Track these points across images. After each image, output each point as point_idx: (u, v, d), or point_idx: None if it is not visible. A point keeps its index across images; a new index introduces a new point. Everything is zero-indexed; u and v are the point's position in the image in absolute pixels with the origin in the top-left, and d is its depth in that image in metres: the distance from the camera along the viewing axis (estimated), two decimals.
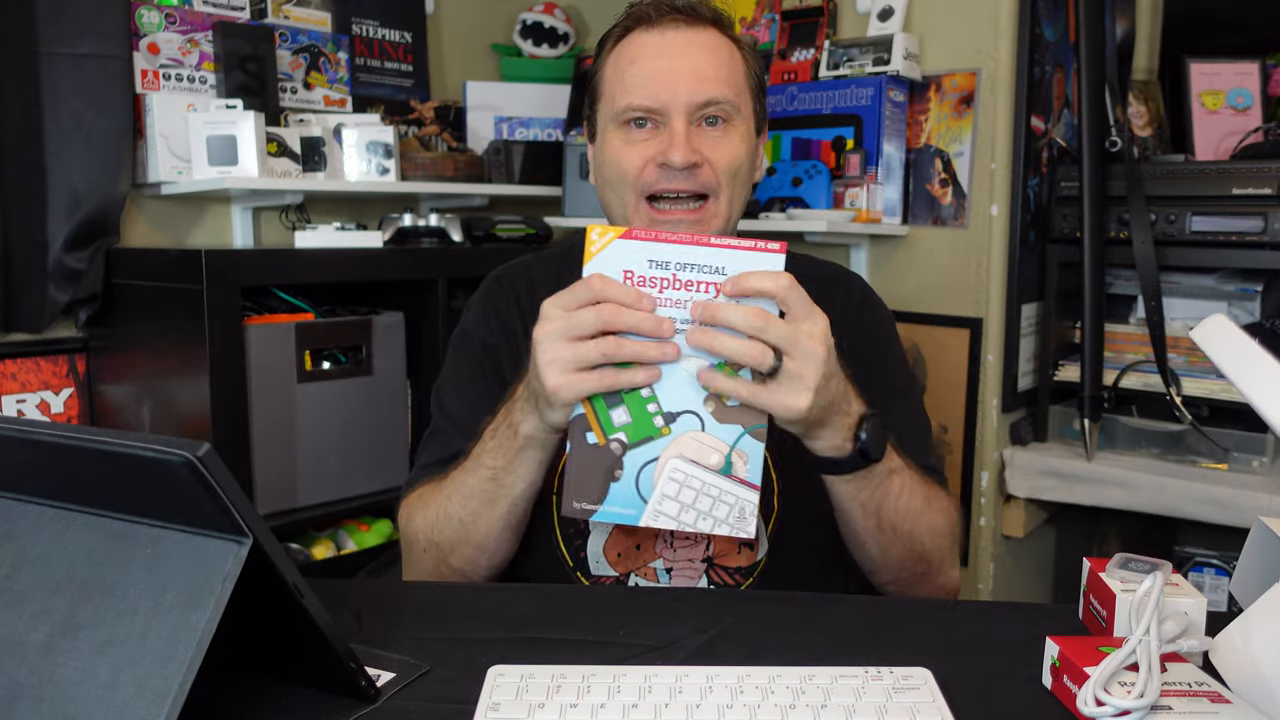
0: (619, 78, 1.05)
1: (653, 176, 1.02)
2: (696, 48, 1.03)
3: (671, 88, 1.01)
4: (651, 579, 1.04)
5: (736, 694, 0.66)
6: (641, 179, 1.03)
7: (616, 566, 1.03)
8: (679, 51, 1.03)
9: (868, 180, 1.95)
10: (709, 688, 0.67)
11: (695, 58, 1.02)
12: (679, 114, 1.01)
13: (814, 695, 0.66)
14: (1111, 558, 0.80)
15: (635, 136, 1.03)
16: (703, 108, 1.02)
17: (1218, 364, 0.69)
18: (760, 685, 0.67)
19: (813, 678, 0.68)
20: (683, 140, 1.00)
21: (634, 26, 1.05)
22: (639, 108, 1.02)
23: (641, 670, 0.69)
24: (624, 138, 1.04)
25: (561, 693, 0.66)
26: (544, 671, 0.68)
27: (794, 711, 0.64)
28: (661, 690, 0.66)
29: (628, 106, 1.03)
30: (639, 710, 0.64)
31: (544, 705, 0.65)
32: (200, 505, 0.56)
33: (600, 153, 1.09)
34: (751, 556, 1.04)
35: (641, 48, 1.04)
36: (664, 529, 1.02)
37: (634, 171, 1.03)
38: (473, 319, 1.13)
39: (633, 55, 1.04)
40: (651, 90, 1.02)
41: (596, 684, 0.67)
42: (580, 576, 1.03)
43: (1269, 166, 1.68)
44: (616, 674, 0.68)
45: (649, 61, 1.03)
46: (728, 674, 0.68)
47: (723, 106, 1.03)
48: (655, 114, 1.02)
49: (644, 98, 1.02)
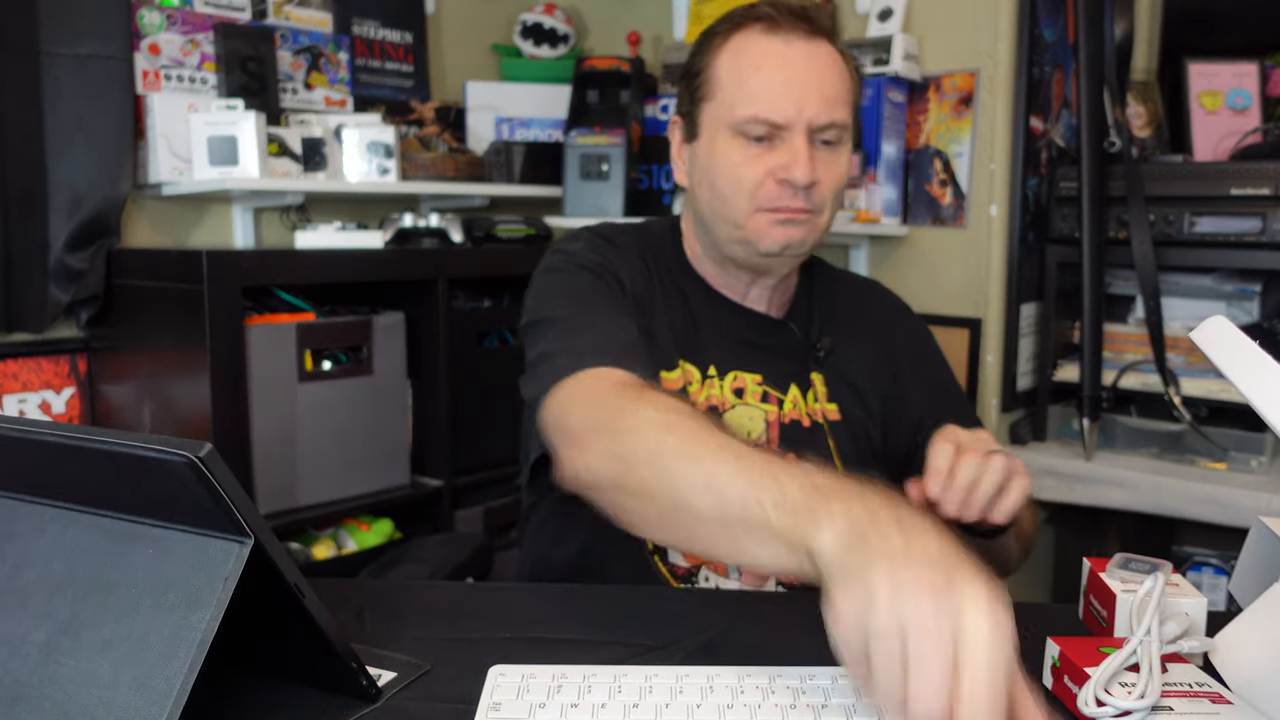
0: (739, 82, 1.02)
1: (773, 193, 1.01)
2: (821, 65, 1.02)
3: (798, 104, 1.00)
4: (722, 574, 1.03)
5: (737, 694, 0.66)
6: (760, 193, 1.02)
7: (689, 558, 1.03)
8: (805, 66, 1.01)
9: (867, 180, 1.95)
10: (709, 688, 0.67)
11: (821, 76, 1.02)
12: (801, 131, 1.00)
13: (814, 695, 0.66)
14: (1111, 558, 0.80)
15: (754, 149, 1.02)
16: (823, 130, 1.01)
17: (1217, 365, 0.69)
18: (761, 685, 0.67)
19: (813, 677, 0.68)
20: (805, 159, 1.00)
21: (752, 25, 1.03)
22: (764, 120, 1.00)
23: (642, 670, 0.69)
24: (742, 149, 1.02)
25: (562, 692, 0.66)
26: (545, 671, 0.69)
27: (794, 711, 0.64)
28: (662, 690, 0.66)
29: (752, 118, 1.01)
30: (640, 710, 0.64)
31: (545, 705, 0.65)
32: (202, 505, 0.56)
33: (709, 158, 1.06)
34: None
35: (766, 55, 1.02)
36: None
37: (752, 185, 1.02)
38: (584, 249, 1.06)
39: (757, 62, 1.02)
40: (779, 105, 1.00)
41: (597, 684, 0.67)
42: (657, 560, 1.03)
43: (1268, 167, 1.68)
44: (617, 674, 0.68)
45: (775, 72, 1.01)
46: (728, 674, 0.68)
47: (839, 130, 1.03)
48: (777, 128, 1.01)
49: (770, 111, 1.00)
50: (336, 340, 1.79)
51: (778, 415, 1.08)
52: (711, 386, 1.07)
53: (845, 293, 1.20)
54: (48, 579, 0.61)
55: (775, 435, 1.07)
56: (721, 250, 1.09)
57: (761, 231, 1.03)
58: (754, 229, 1.03)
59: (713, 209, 1.06)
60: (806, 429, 1.08)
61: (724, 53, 1.04)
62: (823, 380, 1.11)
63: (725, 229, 1.06)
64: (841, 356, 1.13)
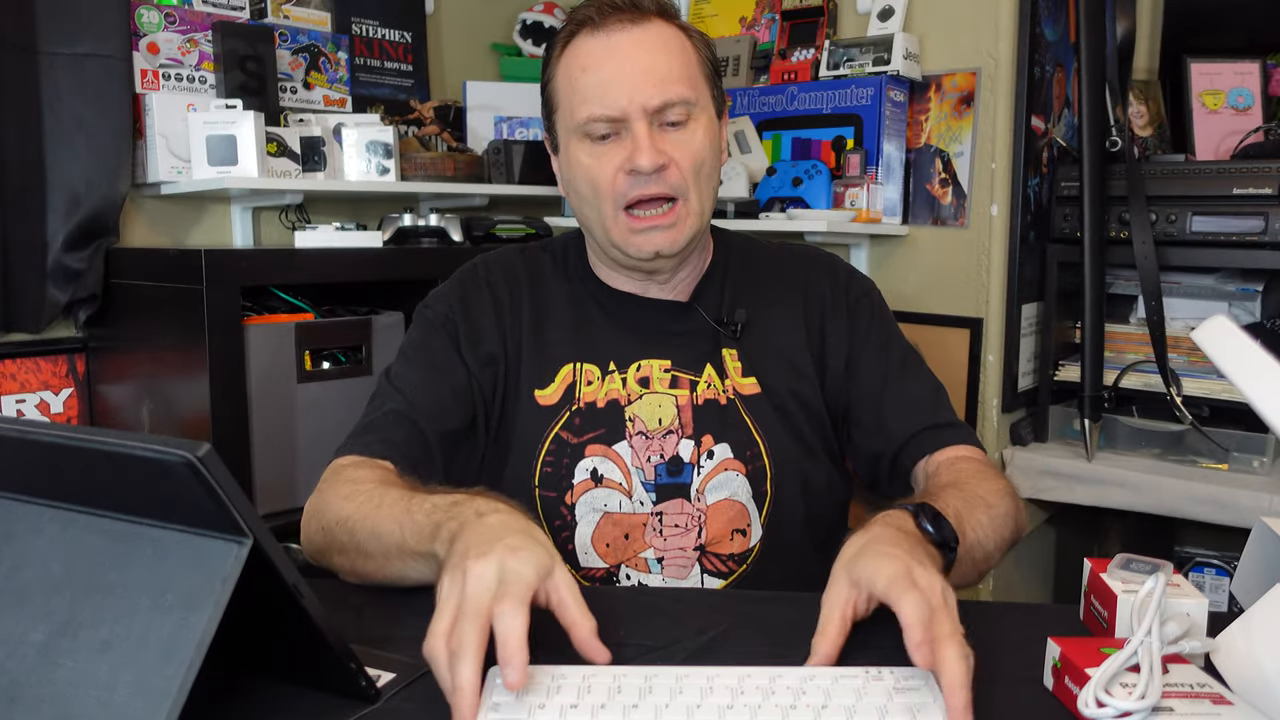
0: (572, 87, 1.04)
1: (624, 185, 1.02)
2: (645, 47, 1.02)
3: (628, 93, 1.00)
4: (643, 570, 1.04)
5: (737, 694, 0.66)
6: (615, 189, 1.02)
7: (606, 558, 1.04)
8: (628, 54, 1.02)
9: (868, 180, 1.95)
10: (709, 688, 0.66)
11: (646, 59, 1.01)
12: (639, 118, 1.00)
13: (814, 695, 0.66)
14: (1112, 558, 0.80)
15: (600, 149, 1.03)
16: (661, 110, 1.01)
17: (1219, 365, 0.69)
18: (761, 686, 0.67)
19: (813, 678, 0.68)
20: (647, 144, 1.00)
21: (578, 30, 1.04)
22: (599, 118, 1.01)
23: (642, 671, 0.69)
24: (589, 151, 1.04)
25: (562, 693, 0.66)
26: (544, 672, 0.68)
27: (794, 712, 0.64)
28: (662, 691, 0.66)
29: (588, 118, 1.02)
30: (639, 710, 0.64)
31: (544, 706, 0.64)
32: (200, 505, 0.56)
33: (568, 167, 1.08)
34: (745, 543, 1.05)
35: (589, 54, 1.03)
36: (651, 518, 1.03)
37: (606, 183, 1.02)
38: (436, 299, 1.14)
39: (583, 63, 1.03)
40: (608, 99, 1.01)
41: (597, 684, 0.67)
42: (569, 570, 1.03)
43: (1269, 166, 1.68)
44: (617, 674, 0.68)
45: (599, 68, 1.02)
46: (728, 674, 0.68)
47: (682, 106, 1.02)
48: (616, 122, 1.01)
49: (601, 107, 1.01)
50: (336, 340, 1.78)
51: (689, 398, 1.08)
52: (612, 381, 1.08)
53: (767, 262, 1.18)
54: (46, 579, 0.61)
55: (689, 418, 1.07)
56: (607, 254, 1.10)
57: (626, 240, 1.04)
58: (620, 236, 1.04)
59: (583, 215, 1.09)
60: (722, 406, 1.08)
61: (560, 62, 1.06)
62: (736, 355, 1.10)
63: (599, 234, 1.07)
64: (762, 326, 1.12)
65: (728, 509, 1.05)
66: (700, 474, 1.05)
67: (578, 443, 1.06)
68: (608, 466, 1.05)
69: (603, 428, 1.06)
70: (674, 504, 1.05)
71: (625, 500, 1.05)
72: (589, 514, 1.04)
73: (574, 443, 1.06)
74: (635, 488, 1.05)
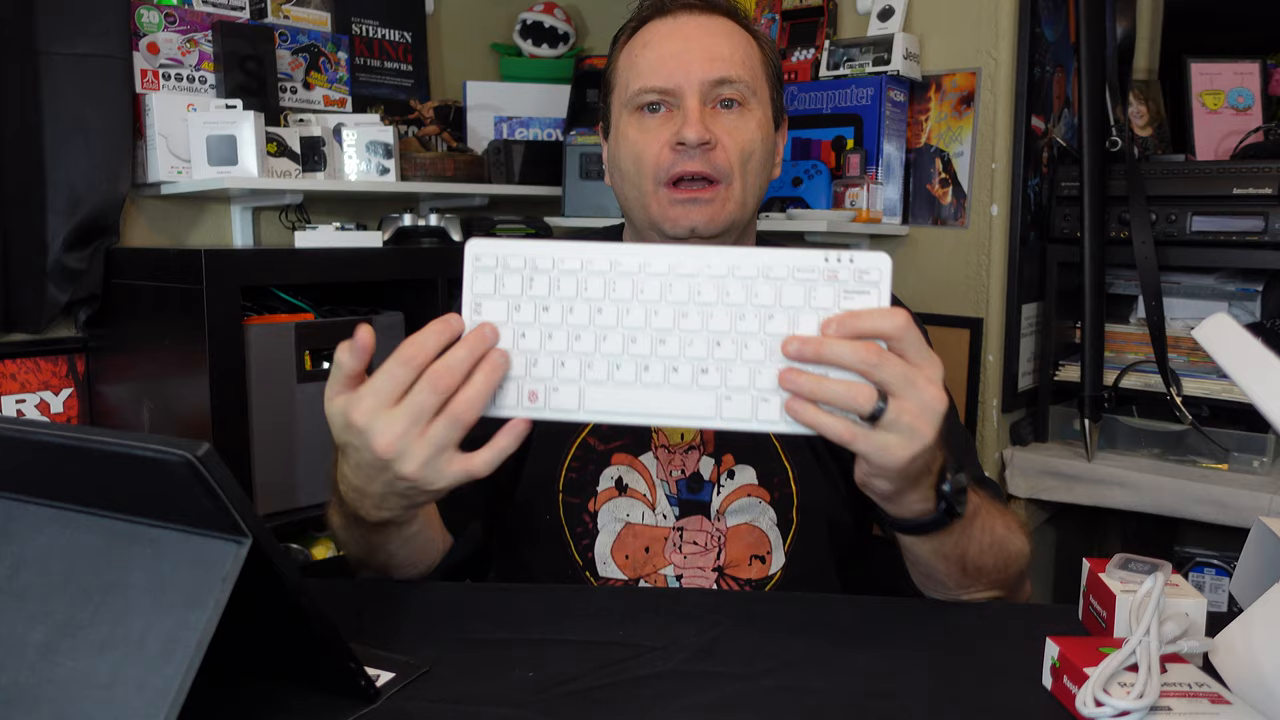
0: (631, 64, 1.03)
1: (669, 160, 0.99)
2: (711, 31, 1.02)
3: (685, 67, 0.99)
4: (661, 586, 1.02)
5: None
6: (659, 163, 0.99)
7: (625, 570, 1.01)
8: (692, 34, 1.01)
9: (868, 180, 1.95)
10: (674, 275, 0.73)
11: (709, 40, 1.01)
12: (692, 92, 0.99)
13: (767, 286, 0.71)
14: (1111, 558, 0.80)
15: (649, 123, 1.01)
16: (717, 86, 0.99)
17: (1220, 364, 0.69)
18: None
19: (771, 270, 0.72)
20: (695, 117, 0.97)
21: (650, 17, 1.04)
22: (652, 89, 1.00)
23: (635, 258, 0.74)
24: (638, 124, 1.02)
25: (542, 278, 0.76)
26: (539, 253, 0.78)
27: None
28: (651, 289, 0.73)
29: (640, 89, 1.01)
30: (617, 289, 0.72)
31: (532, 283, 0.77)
32: (200, 505, 0.56)
33: (615, 145, 1.06)
34: (764, 569, 1.02)
35: (654, 33, 1.03)
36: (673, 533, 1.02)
37: (651, 157, 1.00)
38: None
39: (646, 40, 1.03)
40: (664, 71, 0.99)
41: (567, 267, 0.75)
42: (589, 576, 1.01)
43: (1269, 166, 1.68)
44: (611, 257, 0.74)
45: (661, 45, 1.01)
46: (692, 262, 0.73)
47: (737, 87, 1.00)
48: (668, 95, 1.00)
49: (656, 79, 1.00)
50: (336, 340, 1.75)
51: None
52: None
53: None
54: (45, 579, 0.61)
55: (711, 434, 1.03)
56: (644, 239, 1.06)
57: (664, 213, 1.00)
58: (658, 210, 1.01)
59: (624, 195, 1.06)
60: None
61: (624, 47, 1.06)
62: None
63: (638, 214, 1.04)
64: None
65: (747, 534, 1.02)
66: (720, 494, 1.02)
67: (604, 450, 1.03)
68: (633, 476, 1.02)
69: (629, 436, 1.03)
70: (694, 520, 1.02)
71: (648, 512, 1.02)
72: (611, 523, 1.02)
73: (600, 449, 1.03)
74: (659, 500, 1.02)
